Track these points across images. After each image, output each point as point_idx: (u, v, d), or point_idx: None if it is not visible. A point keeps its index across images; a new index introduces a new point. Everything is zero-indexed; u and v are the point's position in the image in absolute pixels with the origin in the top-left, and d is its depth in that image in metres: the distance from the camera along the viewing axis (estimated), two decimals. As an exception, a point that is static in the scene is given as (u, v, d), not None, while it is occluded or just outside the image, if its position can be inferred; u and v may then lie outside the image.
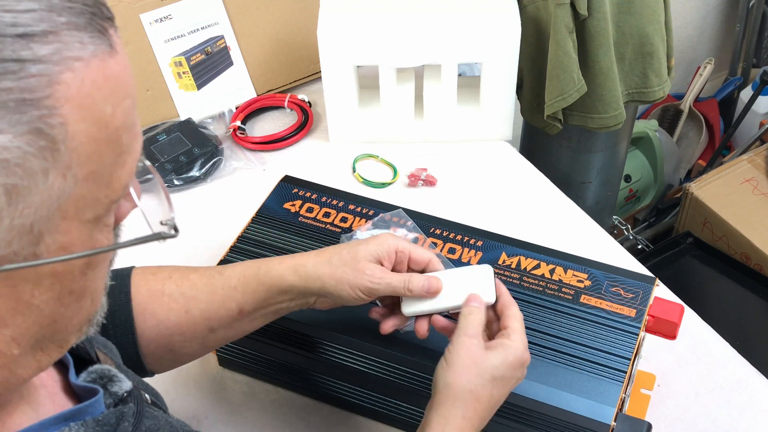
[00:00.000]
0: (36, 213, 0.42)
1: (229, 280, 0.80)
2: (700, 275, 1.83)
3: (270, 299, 0.79)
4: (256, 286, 0.79)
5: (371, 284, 0.76)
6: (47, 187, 0.41)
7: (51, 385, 0.57)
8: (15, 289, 0.44)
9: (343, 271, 0.77)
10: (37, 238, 0.42)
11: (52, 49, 0.40)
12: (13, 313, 0.44)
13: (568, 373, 0.82)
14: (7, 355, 0.46)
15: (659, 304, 0.90)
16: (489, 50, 1.24)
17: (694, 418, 0.95)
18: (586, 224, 1.21)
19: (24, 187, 0.40)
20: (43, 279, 0.44)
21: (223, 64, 1.39)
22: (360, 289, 0.76)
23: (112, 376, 0.58)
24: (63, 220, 0.43)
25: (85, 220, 0.45)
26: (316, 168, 1.29)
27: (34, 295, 0.45)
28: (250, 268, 0.80)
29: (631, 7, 1.28)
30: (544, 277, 0.91)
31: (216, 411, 0.98)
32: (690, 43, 2.39)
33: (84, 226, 0.45)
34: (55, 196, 0.42)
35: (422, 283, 0.77)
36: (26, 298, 0.44)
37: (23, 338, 0.46)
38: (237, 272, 0.80)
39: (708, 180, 1.88)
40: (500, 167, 1.30)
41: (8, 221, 0.41)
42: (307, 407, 0.98)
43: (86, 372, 0.58)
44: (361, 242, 0.79)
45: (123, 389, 0.58)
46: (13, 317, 0.45)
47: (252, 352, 0.96)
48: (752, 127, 2.26)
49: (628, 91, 1.37)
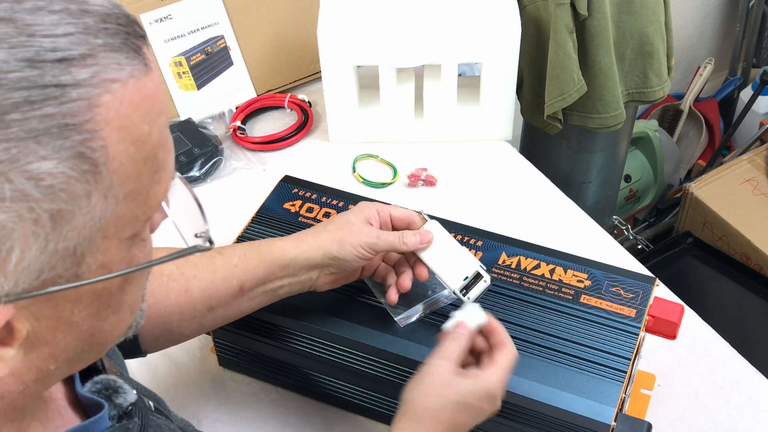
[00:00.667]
0: (79, 235, 0.42)
1: (230, 258, 0.81)
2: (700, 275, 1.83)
3: (271, 275, 0.81)
4: (258, 263, 0.81)
5: (370, 239, 0.80)
6: (90, 210, 0.42)
7: (58, 398, 0.57)
8: (56, 309, 0.44)
9: (342, 234, 0.81)
10: (79, 260, 0.43)
11: (91, 72, 0.41)
12: (54, 332, 0.45)
13: (568, 373, 0.82)
14: (43, 371, 0.47)
15: (659, 304, 0.90)
16: (489, 50, 1.24)
17: (694, 418, 0.95)
18: (586, 224, 1.21)
19: (68, 212, 0.41)
20: (83, 297, 0.45)
21: (223, 64, 1.39)
22: (362, 246, 0.80)
23: (117, 387, 0.58)
24: (103, 240, 0.44)
25: (124, 238, 0.45)
26: (316, 168, 1.29)
27: (74, 313, 0.45)
28: (251, 247, 0.82)
29: (631, 7, 1.28)
30: (544, 277, 0.91)
31: (216, 411, 0.98)
32: (690, 43, 2.39)
33: (123, 243, 0.45)
34: (97, 217, 0.42)
35: (414, 238, 0.82)
36: (66, 316, 0.45)
37: (61, 354, 0.47)
38: (237, 251, 0.82)
39: (708, 180, 1.88)
40: (500, 167, 1.30)
41: (53, 245, 0.41)
42: (307, 407, 0.98)
43: (91, 382, 0.58)
44: (346, 212, 0.84)
45: (128, 401, 0.58)
46: (53, 335, 0.45)
47: (252, 352, 0.96)
48: (752, 127, 2.26)
49: (628, 91, 1.37)
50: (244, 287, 0.81)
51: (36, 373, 0.46)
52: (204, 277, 0.81)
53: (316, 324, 0.88)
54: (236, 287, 0.81)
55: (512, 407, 0.82)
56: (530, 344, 0.85)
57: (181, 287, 0.80)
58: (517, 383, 0.81)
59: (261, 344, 0.94)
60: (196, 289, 0.80)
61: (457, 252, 0.84)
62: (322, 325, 0.88)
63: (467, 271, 0.83)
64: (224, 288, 0.81)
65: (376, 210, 0.83)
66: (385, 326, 0.87)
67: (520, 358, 0.83)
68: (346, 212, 0.84)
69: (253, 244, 0.83)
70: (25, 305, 0.42)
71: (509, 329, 0.85)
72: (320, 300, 0.89)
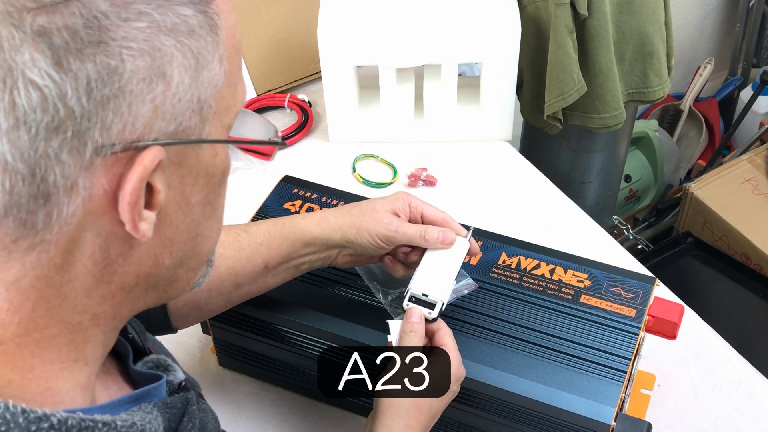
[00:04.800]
0: (207, 90, 0.46)
1: (255, 237, 0.83)
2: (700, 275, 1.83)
3: (294, 253, 0.83)
4: (281, 241, 0.83)
5: (389, 232, 0.81)
6: (213, 68, 0.46)
7: (114, 374, 0.58)
8: (182, 181, 0.47)
9: (362, 220, 0.81)
10: (203, 124, 0.46)
11: None
12: (177, 209, 0.48)
13: (568, 373, 0.82)
14: (158, 263, 0.49)
15: (659, 304, 0.90)
16: (489, 50, 1.24)
17: (694, 418, 0.95)
18: (586, 224, 1.21)
19: (204, 57, 0.45)
20: (200, 176, 0.48)
21: (223, 64, 1.39)
22: (378, 236, 0.81)
23: (167, 366, 0.60)
24: (215, 115, 0.47)
25: (224, 124, 0.49)
26: (316, 168, 1.29)
27: (193, 192, 0.48)
28: (275, 225, 0.84)
29: (631, 7, 1.28)
30: (544, 277, 0.91)
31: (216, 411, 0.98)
32: (690, 43, 2.39)
33: (223, 129, 0.49)
34: (216, 80, 0.46)
35: (437, 234, 0.81)
36: (187, 192, 0.48)
37: (176, 245, 0.49)
38: (262, 229, 0.84)
39: (708, 180, 1.88)
40: (500, 167, 1.30)
41: (194, 89, 0.45)
42: (307, 407, 0.98)
43: (142, 362, 0.60)
44: (378, 198, 0.84)
45: (179, 378, 0.60)
46: (176, 213, 0.48)
47: (252, 352, 0.96)
48: (752, 127, 2.26)
49: (628, 91, 1.37)
50: (269, 265, 0.83)
51: (152, 266, 0.49)
52: (230, 255, 0.82)
53: (315, 324, 0.88)
54: (261, 265, 0.83)
55: (512, 407, 0.83)
56: (530, 344, 0.85)
57: None
58: (517, 383, 0.81)
59: (261, 344, 0.94)
60: (223, 268, 0.82)
61: (449, 276, 0.81)
62: (322, 325, 0.88)
63: (432, 294, 0.80)
64: (250, 266, 0.83)
65: (408, 203, 0.83)
66: (384, 326, 0.87)
67: (521, 358, 0.83)
68: (378, 198, 0.84)
69: (276, 222, 0.84)
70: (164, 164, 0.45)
71: (509, 329, 0.86)
72: (320, 300, 0.89)
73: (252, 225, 0.85)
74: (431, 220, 0.83)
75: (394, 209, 0.82)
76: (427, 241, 0.81)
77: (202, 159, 0.48)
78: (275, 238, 0.83)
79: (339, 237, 0.82)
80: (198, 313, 0.85)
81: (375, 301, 0.89)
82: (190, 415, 0.57)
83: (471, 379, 0.82)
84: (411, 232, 0.81)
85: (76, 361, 0.48)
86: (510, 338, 0.85)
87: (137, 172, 0.43)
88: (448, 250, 0.82)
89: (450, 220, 0.84)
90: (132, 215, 0.44)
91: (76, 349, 0.48)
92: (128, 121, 0.42)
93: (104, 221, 0.44)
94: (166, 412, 0.54)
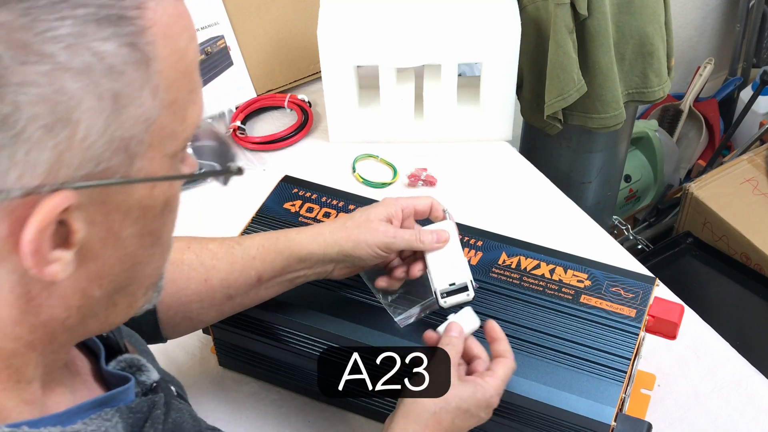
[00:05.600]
0: (133, 128, 0.44)
1: (249, 249, 0.83)
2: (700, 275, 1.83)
3: (288, 267, 0.83)
4: (275, 256, 0.82)
5: (387, 239, 0.81)
6: (141, 103, 0.44)
7: (85, 373, 0.58)
8: (107, 218, 0.45)
9: (358, 232, 0.81)
10: (131, 159, 0.44)
11: None
12: (104, 245, 0.46)
13: (568, 373, 0.82)
14: (88, 298, 0.48)
15: (659, 304, 0.90)
16: (489, 50, 1.24)
17: (694, 418, 0.95)
18: (586, 224, 1.21)
19: (126, 96, 0.43)
20: (132, 210, 0.46)
21: (223, 64, 1.39)
22: (377, 246, 0.81)
23: (140, 366, 0.60)
24: (149, 148, 0.45)
25: (165, 154, 0.47)
26: (316, 168, 1.28)
27: (123, 227, 0.47)
28: (269, 239, 0.83)
29: (631, 7, 1.28)
30: (544, 277, 0.91)
31: (216, 411, 0.98)
32: (690, 43, 2.39)
33: (164, 159, 0.47)
34: (146, 115, 0.44)
35: (431, 237, 0.84)
36: (116, 228, 0.46)
37: (106, 278, 0.48)
38: (256, 242, 0.83)
39: (708, 180, 1.88)
40: (500, 167, 1.30)
41: (112, 129, 0.43)
42: (307, 407, 0.98)
43: (116, 361, 0.59)
44: (369, 207, 0.84)
45: (151, 379, 0.59)
46: (103, 249, 0.46)
47: (252, 352, 0.96)
48: (752, 127, 2.25)
49: (628, 91, 1.37)
50: (262, 278, 0.83)
51: (81, 299, 0.47)
52: (223, 267, 0.82)
53: (315, 324, 0.88)
54: (254, 278, 0.83)
55: (512, 407, 0.83)
56: (530, 344, 0.85)
57: (201, 277, 0.82)
58: (517, 383, 0.81)
59: (261, 344, 0.94)
60: (215, 279, 0.82)
61: (458, 258, 0.84)
62: (322, 325, 0.88)
63: (457, 279, 0.83)
64: (243, 279, 0.82)
65: (401, 208, 0.84)
66: (385, 326, 0.87)
67: (521, 358, 0.83)
68: (368, 207, 0.84)
69: (270, 236, 0.84)
70: (82, 204, 0.43)
71: (509, 329, 0.86)
72: (320, 300, 0.89)
73: (245, 238, 0.85)
74: (422, 212, 0.86)
75: (387, 216, 0.83)
76: (424, 243, 0.83)
77: (134, 194, 0.46)
78: (269, 252, 0.82)
79: (335, 252, 0.81)
80: (189, 323, 0.85)
81: (375, 301, 0.89)
82: (153, 420, 0.56)
83: (471, 379, 0.82)
84: (408, 237, 0.82)
85: (18, 382, 0.49)
86: (510, 338, 0.85)
87: (36, 220, 0.42)
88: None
89: (436, 204, 0.86)
90: (35, 261, 0.43)
91: (16, 372, 0.49)
92: (27, 167, 0.41)
93: (14, 261, 0.44)
94: (129, 417, 0.53)
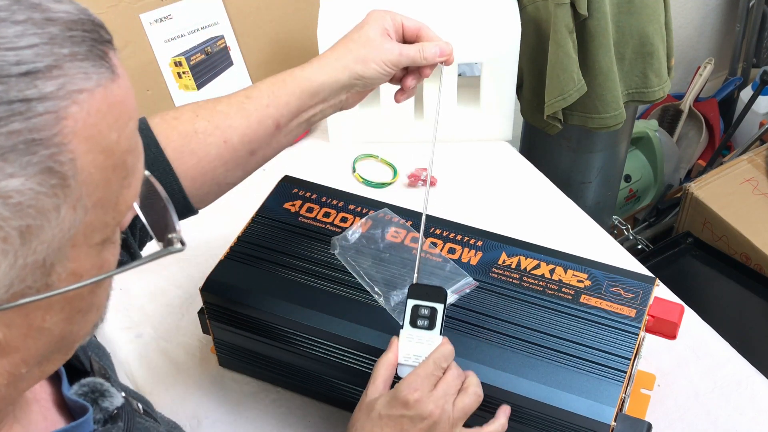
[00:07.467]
0: (48, 248, 0.41)
1: (260, 99, 0.83)
2: (700, 275, 1.83)
3: (303, 106, 0.83)
4: (288, 97, 0.83)
5: (393, 56, 0.83)
6: (59, 223, 0.41)
7: (44, 399, 0.57)
8: (27, 318, 0.44)
9: (366, 52, 0.83)
10: (49, 270, 0.42)
11: (58, 84, 0.40)
12: (25, 339, 0.45)
13: (568, 373, 0.82)
14: (15, 375, 0.46)
15: (659, 304, 0.90)
16: (489, 50, 1.24)
17: (694, 418, 0.95)
18: (586, 224, 1.21)
19: (37, 227, 0.40)
20: (55, 304, 0.45)
21: (223, 64, 1.39)
22: (385, 63, 0.83)
23: (104, 391, 0.58)
24: (73, 248, 0.43)
25: (94, 244, 0.45)
26: (316, 168, 1.28)
27: (45, 320, 0.45)
28: (276, 83, 0.84)
29: (631, 7, 1.28)
30: (544, 277, 0.91)
31: (216, 411, 0.98)
32: (690, 43, 2.39)
33: (93, 249, 0.45)
34: (66, 228, 0.42)
35: (434, 49, 0.85)
36: (38, 323, 0.44)
37: (33, 358, 0.46)
38: (264, 91, 0.83)
39: (708, 180, 1.88)
40: (500, 167, 1.30)
41: (22, 261, 0.40)
42: (307, 407, 0.98)
43: (78, 384, 0.58)
44: (362, 25, 0.85)
45: (114, 405, 0.58)
46: (25, 342, 0.45)
47: (252, 352, 0.96)
48: (752, 127, 2.25)
49: (628, 91, 1.37)
50: (280, 124, 0.83)
51: (7, 378, 0.46)
52: (240, 124, 0.82)
53: (316, 324, 0.88)
54: (273, 126, 0.83)
55: (512, 407, 0.82)
56: (530, 344, 0.85)
57: (219, 140, 0.82)
58: (517, 383, 0.81)
59: (261, 344, 0.94)
60: (235, 138, 0.82)
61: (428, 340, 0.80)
62: (322, 325, 0.88)
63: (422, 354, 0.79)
64: (262, 130, 0.83)
65: (391, 19, 0.85)
66: (385, 326, 0.87)
67: (521, 358, 0.83)
68: (360, 26, 0.85)
69: (276, 80, 0.84)
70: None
71: (509, 329, 0.86)
72: (320, 300, 0.89)
73: (252, 89, 0.84)
74: (410, 28, 0.86)
75: (384, 30, 0.84)
76: (427, 58, 0.85)
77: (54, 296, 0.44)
78: (281, 95, 0.83)
79: (346, 77, 0.83)
80: (217, 188, 0.85)
81: (375, 301, 0.89)
82: None
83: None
84: (412, 53, 0.84)
85: None
86: (510, 338, 0.85)
87: None
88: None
89: (425, 27, 0.87)
90: None
91: None
92: None
93: None
94: None
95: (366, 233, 0.96)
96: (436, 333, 0.79)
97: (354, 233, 0.96)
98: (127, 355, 1.05)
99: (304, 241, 0.97)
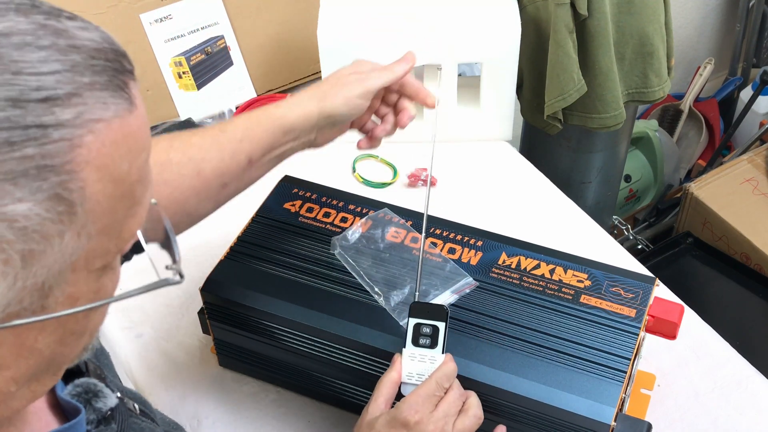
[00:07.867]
0: (49, 272, 0.41)
1: (234, 134, 0.84)
2: (700, 275, 1.83)
3: (275, 143, 0.85)
4: (261, 134, 0.84)
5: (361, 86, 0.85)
6: (62, 248, 0.41)
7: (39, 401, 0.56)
8: (19, 337, 0.44)
9: (335, 90, 0.85)
10: (47, 293, 0.42)
11: (75, 112, 0.40)
12: (16, 358, 0.44)
13: (568, 373, 0.82)
14: (4, 393, 0.46)
15: (659, 304, 0.90)
16: (489, 50, 1.24)
17: (694, 418, 0.95)
18: (586, 224, 1.21)
19: (39, 251, 0.40)
20: (48, 326, 0.45)
21: (223, 64, 1.39)
22: (355, 96, 0.85)
23: (97, 392, 0.58)
24: (72, 273, 0.43)
25: (94, 270, 0.45)
26: (316, 168, 1.28)
27: (38, 340, 0.45)
28: (251, 119, 0.85)
29: (631, 7, 1.28)
30: (544, 277, 0.91)
31: (216, 411, 0.98)
32: (690, 43, 2.39)
33: (92, 274, 0.45)
34: (68, 254, 0.42)
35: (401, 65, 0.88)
36: (30, 343, 0.44)
37: (22, 377, 0.46)
38: (239, 126, 0.84)
39: (708, 180, 1.88)
40: (500, 167, 1.30)
41: (21, 283, 0.40)
42: (307, 407, 0.98)
43: (72, 385, 0.58)
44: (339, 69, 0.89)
45: (107, 406, 0.58)
46: (16, 361, 0.45)
47: (252, 352, 0.96)
48: (752, 127, 2.25)
49: (628, 91, 1.37)
50: (252, 159, 0.84)
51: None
52: (213, 157, 0.83)
53: (316, 324, 0.88)
54: (245, 161, 0.84)
55: (512, 407, 0.83)
56: (530, 344, 0.85)
57: (192, 171, 0.82)
58: (517, 383, 0.81)
59: (261, 344, 0.94)
60: (208, 170, 0.82)
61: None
62: (322, 325, 0.88)
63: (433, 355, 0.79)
64: (234, 164, 0.83)
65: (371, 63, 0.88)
66: (385, 326, 0.87)
67: (521, 358, 0.83)
68: (337, 70, 0.88)
69: (251, 116, 0.85)
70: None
71: (509, 329, 0.86)
72: (320, 300, 0.89)
73: (227, 124, 0.85)
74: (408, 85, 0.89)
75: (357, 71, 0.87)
76: (396, 73, 0.87)
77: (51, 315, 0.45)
78: (255, 132, 0.84)
79: (316, 115, 0.84)
80: (188, 219, 0.85)
81: (375, 301, 0.89)
82: None
83: (471, 379, 0.82)
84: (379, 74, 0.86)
85: None
86: (510, 338, 0.85)
87: None
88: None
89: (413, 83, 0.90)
90: None
91: None
92: None
93: None
94: None
95: (366, 233, 0.96)
96: (438, 351, 0.79)
97: (354, 233, 0.96)
98: (127, 355, 1.05)
99: (304, 241, 0.97)
